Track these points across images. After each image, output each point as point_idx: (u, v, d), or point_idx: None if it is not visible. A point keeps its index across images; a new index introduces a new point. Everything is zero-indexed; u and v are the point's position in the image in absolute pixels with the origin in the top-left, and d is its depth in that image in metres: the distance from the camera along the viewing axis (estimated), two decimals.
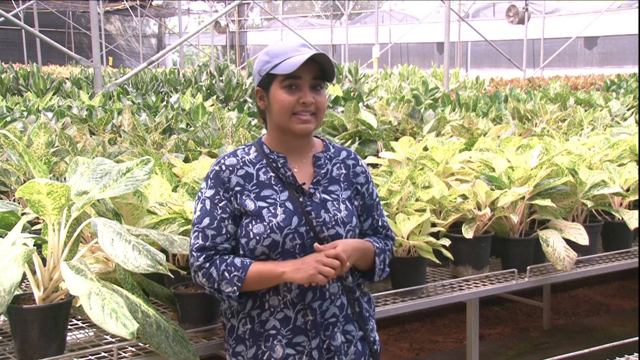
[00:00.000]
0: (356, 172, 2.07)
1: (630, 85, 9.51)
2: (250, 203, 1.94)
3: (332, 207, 1.97)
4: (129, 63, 28.87)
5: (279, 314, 1.95)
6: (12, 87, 10.22)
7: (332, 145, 2.10)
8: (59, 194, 2.00)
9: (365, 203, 2.08)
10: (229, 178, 1.96)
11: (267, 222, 1.91)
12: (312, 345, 1.95)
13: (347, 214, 1.99)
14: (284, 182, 1.97)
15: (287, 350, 1.94)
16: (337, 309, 1.99)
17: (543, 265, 3.10)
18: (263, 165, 1.99)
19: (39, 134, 3.77)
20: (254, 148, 2.03)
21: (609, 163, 3.45)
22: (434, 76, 13.07)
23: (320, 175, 2.01)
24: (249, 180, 1.96)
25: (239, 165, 1.98)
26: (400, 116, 5.23)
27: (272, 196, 1.95)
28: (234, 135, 4.26)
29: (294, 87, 1.93)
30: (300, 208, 1.94)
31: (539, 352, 4.32)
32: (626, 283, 5.69)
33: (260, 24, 35.50)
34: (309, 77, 1.93)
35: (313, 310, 1.94)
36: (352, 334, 2.01)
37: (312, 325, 1.94)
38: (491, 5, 25.12)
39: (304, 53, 1.91)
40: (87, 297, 1.83)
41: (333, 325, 1.97)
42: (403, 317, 4.75)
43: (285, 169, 1.97)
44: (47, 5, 26.70)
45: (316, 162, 2.02)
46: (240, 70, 12.11)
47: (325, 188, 2.00)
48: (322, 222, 1.94)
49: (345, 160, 2.07)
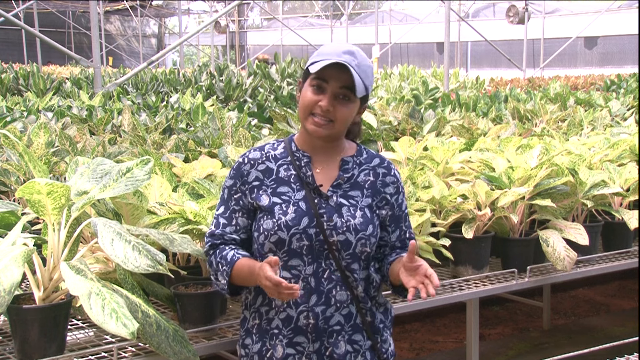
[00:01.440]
0: (385, 181, 2.01)
1: (630, 85, 9.51)
2: (265, 198, 1.94)
3: (347, 212, 1.93)
4: (129, 63, 28.86)
5: (282, 313, 1.94)
6: (12, 87, 10.21)
7: (367, 151, 2.06)
8: (59, 194, 2.00)
9: (394, 214, 2.03)
10: (248, 172, 1.98)
11: (276, 219, 1.91)
12: (312, 348, 1.93)
13: (363, 221, 1.94)
14: (303, 181, 1.96)
15: (287, 350, 1.93)
16: (343, 318, 1.94)
17: (543, 265, 3.10)
18: (286, 162, 1.98)
19: (39, 134, 3.77)
20: (283, 144, 2.03)
21: (609, 163, 3.45)
22: (434, 76, 13.06)
23: (343, 179, 1.97)
24: (268, 175, 1.97)
25: (261, 160, 1.99)
26: (400, 116, 5.23)
27: (287, 193, 1.95)
28: (234, 135, 4.26)
29: (320, 88, 1.91)
30: (314, 209, 1.92)
31: (539, 352, 4.32)
32: (626, 283, 5.69)
33: (260, 24, 35.50)
34: (336, 85, 1.89)
35: (315, 314, 1.92)
36: (360, 343, 1.97)
37: (313, 329, 1.92)
38: (491, 5, 25.12)
39: (336, 59, 1.87)
40: (87, 297, 1.83)
41: (337, 333, 1.94)
42: (403, 317, 4.75)
43: (306, 169, 1.96)
44: (47, 5, 26.69)
45: (343, 165, 1.99)
46: (240, 70, 12.11)
47: (345, 193, 1.96)
48: (332, 227, 1.91)
49: (376, 167, 2.02)
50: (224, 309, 2.48)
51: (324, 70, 1.88)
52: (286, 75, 10.27)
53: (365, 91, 1.93)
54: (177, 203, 2.51)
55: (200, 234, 2.41)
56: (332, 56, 1.89)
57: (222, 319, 2.39)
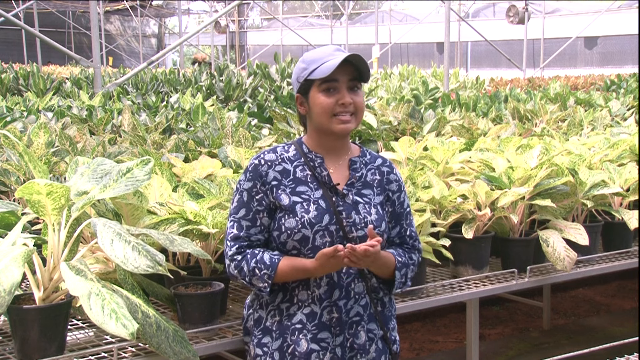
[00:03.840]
0: (389, 179, 2.11)
1: (630, 85, 9.51)
2: (285, 197, 1.99)
3: (364, 209, 2.02)
4: (129, 63, 28.86)
5: (306, 308, 2.00)
6: (12, 87, 10.21)
7: (369, 152, 2.16)
8: (58, 194, 2.00)
9: (395, 211, 2.12)
10: (266, 172, 2.02)
11: (299, 218, 1.97)
12: (336, 342, 2.00)
13: (377, 218, 2.03)
14: (319, 180, 2.02)
15: (312, 346, 1.98)
16: (361, 308, 2.03)
17: (543, 265, 3.10)
18: (300, 163, 2.05)
19: (39, 134, 3.77)
20: (293, 147, 2.09)
21: (609, 163, 3.45)
22: (434, 76, 13.06)
23: (355, 178, 2.06)
24: (286, 176, 2.02)
25: (277, 161, 2.04)
26: (400, 116, 5.23)
27: (306, 192, 2.01)
28: (234, 135, 4.26)
29: (331, 89, 1.99)
30: (332, 207, 1.99)
31: (539, 352, 4.32)
32: (626, 283, 5.69)
33: (260, 24, 35.50)
34: (346, 79, 1.99)
35: (339, 308, 1.99)
36: (374, 332, 2.06)
37: (336, 322, 1.99)
38: (491, 5, 25.12)
39: (337, 57, 1.97)
40: (87, 297, 1.83)
41: (357, 324, 2.02)
42: (403, 317, 4.75)
43: (321, 169, 2.03)
44: (47, 5, 26.69)
45: (352, 165, 2.08)
46: (240, 70, 12.10)
47: (359, 191, 2.05)
48: (352, 223, 1.99)
49: (380, 167, 2.12)
50: (224, 309, 2.48)
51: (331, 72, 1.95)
52: (286, 75, 10.26)
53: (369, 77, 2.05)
54: (177, 203, 2.51)
55: (200, 234, 2.41)
56: (330, 57, 1.98)
57: (222, 319, 2.39)
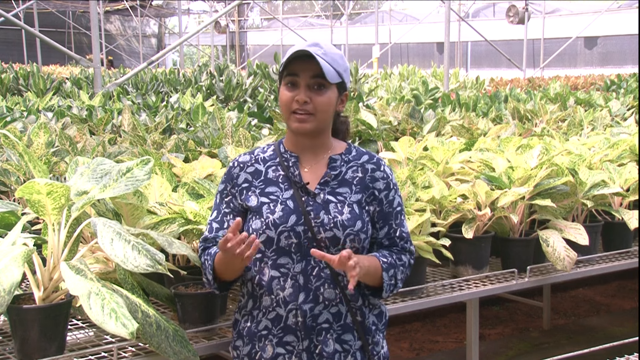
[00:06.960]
0: (375, 176, 1.99)
1: (630, 85, 9.51)
2: (254, 199, 1.97)
3: (334, 209, 1.93)
4: (129, 63, 28.85)
5: (271, 313, 1.96)
6: (12, 87, 10.20)
7: (357, 149, 2.05)
8: (58, 194, 2.00)
9: (383, 210, 2.00)
10: (237, 175, 2.01)
11: (264, 218, 1.93)
12: (302, 347, 1.94)
13: (350, 217, 1.93)
14: (291, 180, 1.97)
15: (277, 350, 1.95)
16: (331, 316, 1.95)
17: (543, 265, 3.09)
18: (275, 164, 2.01)
19: (39, 134, 3.76)
20: (272, 147, 2.05)
21: (609, 163, 3.45)
22: (434, 76, 13.06)
23: (330, 177, 1.97)
24: (257, 177, 1.99)
25: (250, 162, 2.02)
26: (400, 116, 5.23)
27: (275, 193, 1.96)
28: (234, 135, 4.25)
29: (293, 84, 1.92)
30: (301, 207, 1.92)
31: (539, 352, 4.32)
32: (626, 283, 5.69)
33: (260, 24, 35.48)
34: (307, 76, 1.90)
35: (303, 312, 1.93)
36: (350, 343, 1.97)
37: (301, 327, 1.94)
38: (491, 5, 25.12)
39: (300, 49, 1.89)
40: (87, 297, 1.83)
41: (325, 331, 1.94)
42: (403, 317, 4.75)
43: (294, 168, 1.98)
44: (47, 5, 26.69)
45: (331, 163, 1.99)
46: (240, 70, 12.10)
47: (333, 190, 1.96)
48: (319, 223, 1.91)
49: (364, 164, 2.01)
50: (224, 309, 2.48)
51: (294, 66, 1.90)
52: None
53: (338, 77, 1.92)
54: (177, 203, 2.51)
55: (200, 234, 2.41)
56: (296, 49, 1.90)
57: (222, 319, 2.39)
